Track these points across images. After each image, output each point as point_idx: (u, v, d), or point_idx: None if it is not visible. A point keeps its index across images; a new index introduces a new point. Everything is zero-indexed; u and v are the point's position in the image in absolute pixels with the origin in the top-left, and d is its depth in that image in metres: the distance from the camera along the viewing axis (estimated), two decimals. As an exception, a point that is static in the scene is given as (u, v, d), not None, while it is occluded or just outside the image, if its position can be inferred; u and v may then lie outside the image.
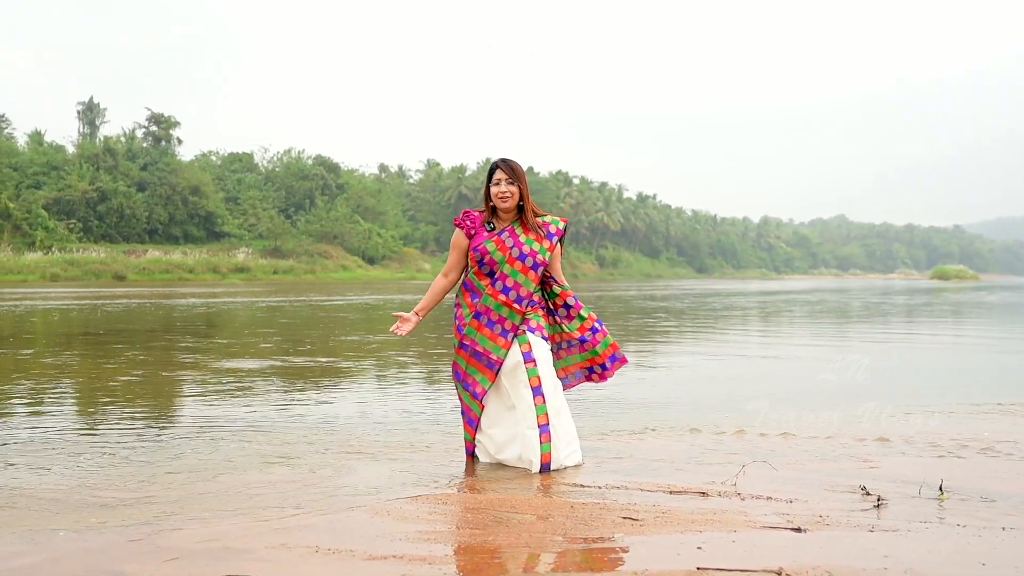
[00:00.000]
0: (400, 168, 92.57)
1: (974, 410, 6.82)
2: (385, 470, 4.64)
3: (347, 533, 3.42)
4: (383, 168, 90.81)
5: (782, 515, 3.72)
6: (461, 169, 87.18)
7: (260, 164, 75.66)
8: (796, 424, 6.09)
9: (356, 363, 10.18)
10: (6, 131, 66.49)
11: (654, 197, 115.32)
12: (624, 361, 4.80)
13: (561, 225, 4.74)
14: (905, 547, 3.30)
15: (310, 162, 74.53)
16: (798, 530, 3.50)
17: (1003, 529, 3.56)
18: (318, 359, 10.40)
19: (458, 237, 4.71)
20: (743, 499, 4.03)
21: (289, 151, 76.96)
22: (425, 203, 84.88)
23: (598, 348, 4.72)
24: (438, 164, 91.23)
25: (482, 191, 4.75)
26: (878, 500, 3.97)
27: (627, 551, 3.26)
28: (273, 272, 56.15)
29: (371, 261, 67.43)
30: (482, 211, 4.74)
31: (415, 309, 4.79)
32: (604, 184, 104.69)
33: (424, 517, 3.66)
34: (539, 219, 4.69)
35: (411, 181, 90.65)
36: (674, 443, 5.41)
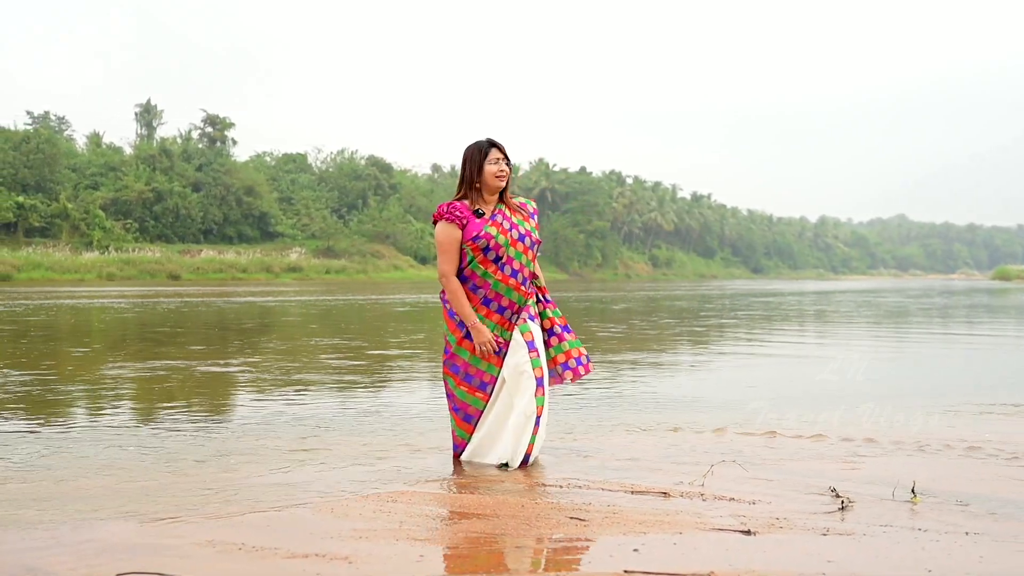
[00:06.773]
0: (453, 168, 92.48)
1: (976, 411, 6.56)
2: (356, 467, 4.55)
3: (280, 531, 3.35)
4: (436, 168, 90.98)
5: (738, 517, 3.58)
6: (515, 169, 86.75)
7: (314, 164, 76.20)
8: (784, 424, 5.91)
9: (372, 362, 10.13)
10: (66, 133, 67.92)
11: (708, 196, 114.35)
12: (588, 369, 4.64)
13: (533, 205, 4.66)
14: (853, 552, 3.15)
15: (363, 162, 74.90)
16: (748, 532, 3.36)
17: (966, 534, 3.38)
18: (337, 356, 10.39)
19: (451, 232, 4.38)
20: (705, 500, 3.88)
21: (342, 151, 77.53)
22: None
23: (576, 340, 4.64)
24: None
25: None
26: (843, 503, 3.80)
27: (560, 553, 3.15)
28: (325, 272, 56.52)
29: (423, 261, 67.49)
30: (459, 200, 4.45)
31: (473, 321, 4.40)
32: (658, 184, 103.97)
33: (366, 515, 3.57)
34: (515, 200, 4.58)
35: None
36: (651, 441, 5.26)
